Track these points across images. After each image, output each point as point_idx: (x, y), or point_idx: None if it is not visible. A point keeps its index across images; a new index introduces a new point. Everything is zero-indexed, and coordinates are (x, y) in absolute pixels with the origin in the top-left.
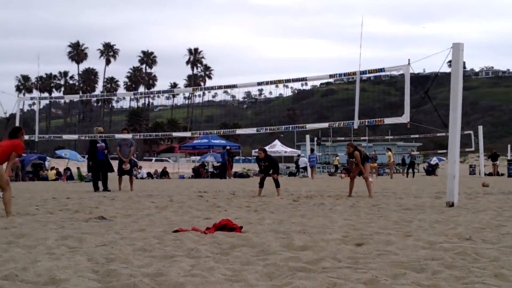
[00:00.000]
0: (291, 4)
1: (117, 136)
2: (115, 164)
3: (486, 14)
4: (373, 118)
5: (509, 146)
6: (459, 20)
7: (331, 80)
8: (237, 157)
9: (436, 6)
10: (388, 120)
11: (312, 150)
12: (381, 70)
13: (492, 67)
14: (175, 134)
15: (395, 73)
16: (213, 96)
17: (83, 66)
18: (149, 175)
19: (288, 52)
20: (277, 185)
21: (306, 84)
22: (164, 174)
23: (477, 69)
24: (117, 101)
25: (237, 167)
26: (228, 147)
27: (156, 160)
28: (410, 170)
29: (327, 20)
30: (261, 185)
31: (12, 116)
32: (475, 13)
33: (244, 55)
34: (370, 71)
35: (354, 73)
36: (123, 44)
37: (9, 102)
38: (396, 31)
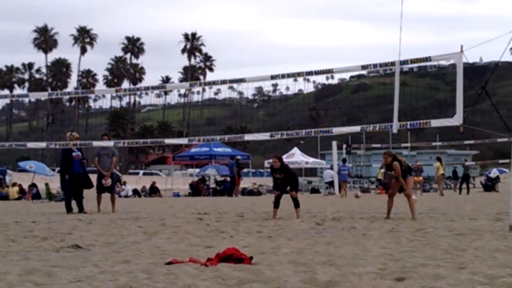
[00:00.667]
0: None
1: (96, 143)
2: (93, 178)
3: None
4: (416, 120)
5: None
6: None
7: (364, 72)
8: (245, 170)
9: None
10: (436, 123)
11: (344, 161)
12: (427, 59)
13: None
14: (167, 141)
15: (444, 63)
16: (216, 93)
17: (52, 56)
18: (135, 192)
19: (309, 37)
20: (296, 204)
21: (332, 77)
22: (153, 191)
23: None
24: (95, 100)
25: (246, 182)
26: (237, 157)
27: (144, 174)
28: (464, 185)
29: None
30: (276, 205)
31: None
32: None
33: (254, 42)
34: (413, 61)
35: (392, 64)
36: (103, 29)
37: None
38: (446, 11)
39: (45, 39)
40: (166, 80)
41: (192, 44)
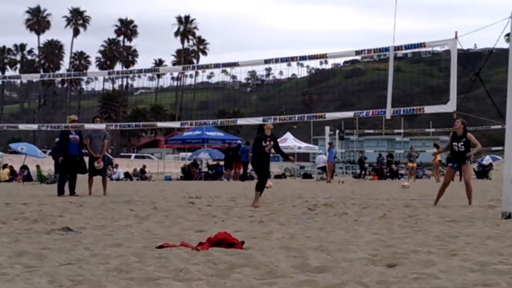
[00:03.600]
0: None
1: (87, 126)
2: (85, 161)
3: None
4: (410, 106)
5: None
6: None
7: (358, 57)
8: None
9: None
10: (429, 109)
11: (330, 144)
12: (421, 45)
13: None
14: (160, 124)
15: (438, 49)
16: (209, 77)
17: (45, 37)
18: (127, 175)
19: (303, 22)
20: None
21: (326, 62)
22: (143, 174)
23: None
24: (87, 82)
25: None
26: (238, 142)
27: (136, 157)
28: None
29: None
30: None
31: None
32: None
33: (247, 26)
34: (407, 47)
35: (386, 49)
36: (96, 11)
37: None
38: None
39: (37, 20)
40: (159, 63)
41: (185, 27)
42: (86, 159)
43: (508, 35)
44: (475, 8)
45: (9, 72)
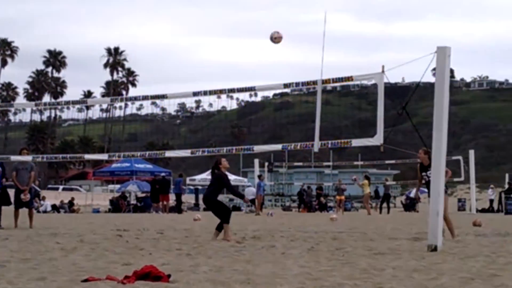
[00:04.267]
0: None
1: (14, 158)
2: (11, 193)
3: (479, 12)
4: (338, 139)
5: (507, 175)
6: (444, 18)
7: (287, 90)
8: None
9: (416, 1)
10: (357, 142)
11: (260, 177)
12: (349, 78)
13: (487, 77)
14: (88, 156)
15: (366, 82)
16: (138, 109)
17: None
18: (54, 208)
19: (233, 55)
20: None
21: (255, 95)
22: (72, 206)
23: (468, 79)
24: (15, 113)
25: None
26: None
27: (64, 189)
28: (385, 205)
29: (280, 16)
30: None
31: None
32: (465, 11)
33: (177, 58)
34: (335, 80)
35: (315, 82)
36: (24, 41)
37: None
38: (367, 31)
39: None
40: (88, 94)
41: (115, 58)
42: (11, 191)
43: (434, 69)
44: (403, 42)
45: None
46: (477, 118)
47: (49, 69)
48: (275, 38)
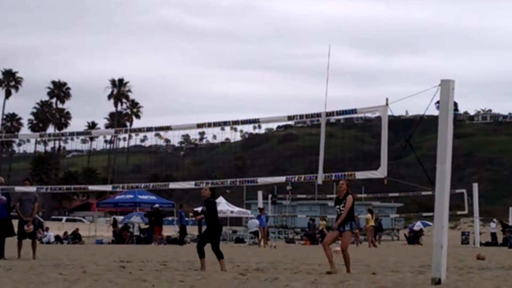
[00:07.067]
0: (237, 28)
1: (17, 189)
2: (14, 224)
3: (482, 45)
4: (342, 172)
5: (510, 208)
6: (448, 52)
7: (291, 122)
8: (170, 218)
9: (418, 34)
10: (360, 175)
11: (260, 210)
12: (353, 111)
13: (491, 110)
14: (92, 187)
15: (370, 115)
16: (142, 140)
17: None
18: (57, 239)
19: (237, 87)
20: (219, 255)
21: (259, 127)
22: (76, 237)
23: (472, 113)
24: (19, 144)
25: (169, 231)
26: (156, 205)
27: (67, 220)
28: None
29: (283, 49)
30: (201, 253)
31: None
32: (468, 44)
33: (181, 90)
34: (339, 113)
35: (319, 115)
36: (28, 73)
37: None
38: (370, 64)
39: None
40: (92, 126)
41: (119, 90)
42: (14, 222)
43: (438, 102)
44: (408, 75)
45: None
46: (481, 151)
47: (54, 100)
48: None
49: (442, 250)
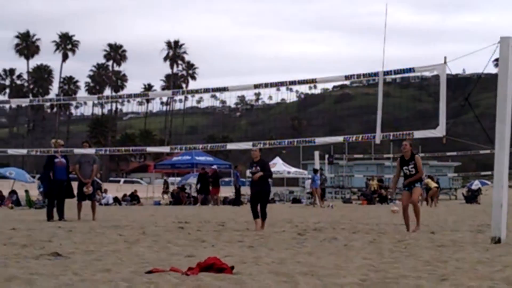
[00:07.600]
0: None
1: (76, 151)
2: (74, 186)
3: None
4: (399, 131)
5: None
6: (507, 8)
7: (347, 82)
8: (227, 179)
9: None
10: (418, 134)
11: (315, 171)
12: (410, 70)
13: None
14: (149, 149)
15: (427, 74)
16: (198, 102)
17: (34, 62)
18: (116, 200)
19: (293, 48)
20: (264, 215)
21: (315, 87)
22: (134, 199)
23: None
24: (76, 107)
25: (226, 191)
26: (213, 167)
27: (125, 182)
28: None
29: (339, 8)
30: (256, 214)
31: None
32: None
33: (237, 51)
34: (396, 72)
35: (376, 74)
36: (85, 36)
37: None
38: (427, 22)
39: (27, 45)
40: (148, 88)
41: (174, 52)
42: (74, 183)
43: (496, 60)
44: (464, 33)
45: None
46: None
47: (110, 62)
48: None
49: (502, 209)
